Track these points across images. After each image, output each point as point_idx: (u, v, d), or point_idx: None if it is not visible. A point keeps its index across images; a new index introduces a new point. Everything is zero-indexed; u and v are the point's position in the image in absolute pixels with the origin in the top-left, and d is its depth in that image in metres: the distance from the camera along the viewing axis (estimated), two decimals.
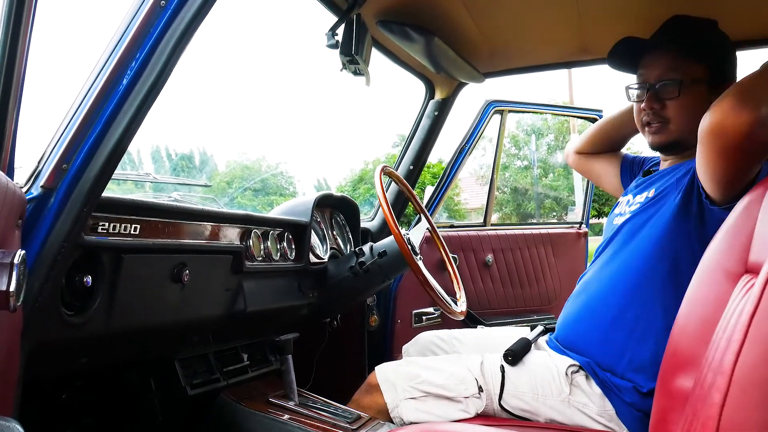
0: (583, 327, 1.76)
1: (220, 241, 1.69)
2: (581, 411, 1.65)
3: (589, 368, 1.68)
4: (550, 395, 1.67)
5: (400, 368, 1.77)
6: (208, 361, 1.84)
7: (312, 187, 23.80)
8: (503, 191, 23.41)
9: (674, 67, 1.69)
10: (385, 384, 1.74)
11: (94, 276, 1.27)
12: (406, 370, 1.75)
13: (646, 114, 1.73)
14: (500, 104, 3.18)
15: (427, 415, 1.68)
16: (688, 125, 1.64)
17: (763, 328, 0.81)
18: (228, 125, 35.00)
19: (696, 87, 1.68)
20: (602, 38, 2.28)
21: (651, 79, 1.72)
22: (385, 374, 1.76)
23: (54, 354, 1.31)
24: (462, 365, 1.74)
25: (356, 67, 1.97)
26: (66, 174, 1.06)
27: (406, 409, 1.69)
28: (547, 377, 1.69)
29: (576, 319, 1.79)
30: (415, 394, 1.70)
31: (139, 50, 1.08)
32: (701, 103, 1.56)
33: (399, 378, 1.73)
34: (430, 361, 1.80)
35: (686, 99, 1.67)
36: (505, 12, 2.07)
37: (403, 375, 1.73)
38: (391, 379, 1.73)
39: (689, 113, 1.65)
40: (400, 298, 2.79)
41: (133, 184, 2.12)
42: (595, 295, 1.76)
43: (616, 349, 1.67)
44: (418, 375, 1.71)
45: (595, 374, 1.67)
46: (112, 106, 1.06)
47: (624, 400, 1.62)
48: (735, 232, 1.13)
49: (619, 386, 1.63)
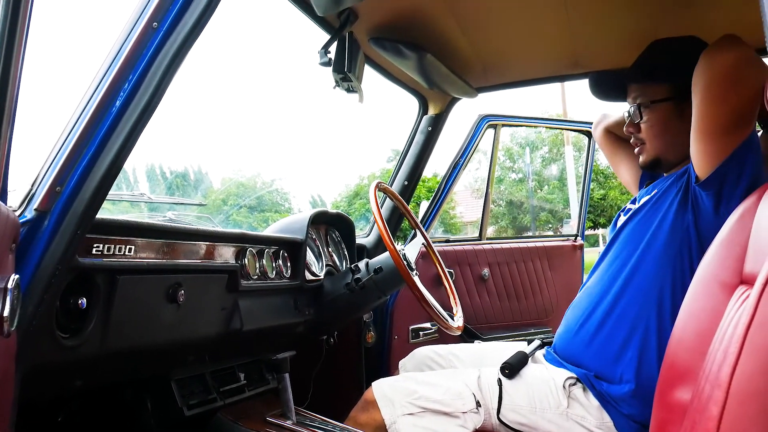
0: (580, 337, 1.76)
1: (215, 260, 1.69)
2: (580, 424, 1.65)
3: (586, 380, 1.68)
4: (548, 408, 1.67)
5: (397, 384, 1.75)
6: (204, 380, 1.83)
7: (307, 203, 23.80)
8: (498, 204, 23.44)
9: (639, 93, 1.82)
10: (383, 400, 1.72)
11: (88, 298, 1.27)
12: (403, 385, 1.73)
13: (629, 138, 1.89)
14: (493, 119, 3.19)
15: (425, 431, 1.67)
16: (662, 142, 1.81)
17: (759, 339, 0.81)
18: (223, 142, 35.04)
19: (659, 106, 1.78)
20: (594, 52, 2.29)
21: (629, 106, 1.85)
22: (382, 390, 1.74)
23: (49, 377, 1.30)
24: (459, 380, 1.74)
25: (349, 85, 1.98)
26: (60, 196, 1.06)
27: (404, 425, 1.68)
28: (544, 390, 1.69)
29: (574, 330, 1.79)
30: (412, 410, 1.68)
31: (131, 72, 1.08)
32: (670, 119, 1.77)
33: (396, 394, 1.71)
34: (427, 376, 1.79)
35: (651, 118, 1.80)
36: (497, 27, 2.08)
37: (401, 391, 1.71)
38: (388, 395, 1.72)
39: (659, 130, 1.80)
40: (397, 313, 2.79)
41: (129, 204, 2.12)
42: (594, 300, 1.77)
43: (613, 360, 1.68)
44: (415, 391, 1.70)
45: (592, 386, 1.67)
46: (105, 128, 1.06)
47: (621, 411, 1.61)
48: (729, 243, 1.14)
49: (617, 398, 1.63)
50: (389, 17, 1.96)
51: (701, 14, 1.98)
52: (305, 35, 2.62)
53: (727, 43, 1.49)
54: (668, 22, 2.01)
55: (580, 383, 1.70)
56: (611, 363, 1.68)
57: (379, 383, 1.78)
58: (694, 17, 1.99)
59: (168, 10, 1.10)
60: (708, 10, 1.95)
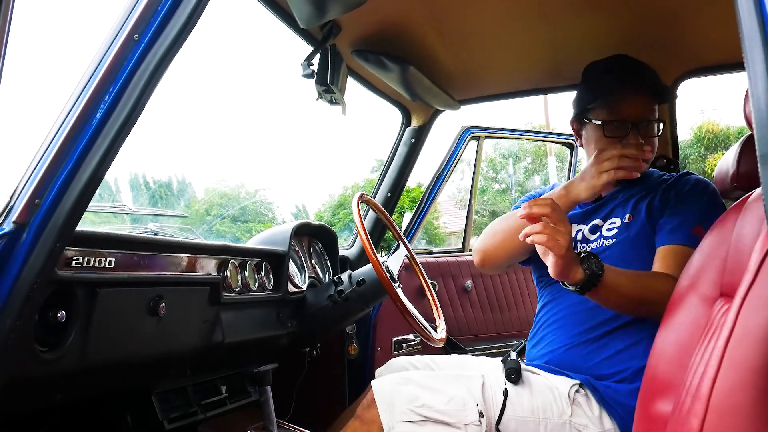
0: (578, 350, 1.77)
1: (197, 273, 1.68)
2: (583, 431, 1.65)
3: (588, 384, 1.69)
4: (551, 418, 1.65)
5: (398, 387, 1.70)
6: (185, 394, 1.82)
7: (291, 213, 23.74)
8: (482, 215, 23.51)
9: (652, 109, 1.80)
10: (382, 404, 1.67)
11: (68, 311, 1.25)
12: (405, 389, 1.68)
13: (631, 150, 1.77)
14: (476, 130, 3.21)
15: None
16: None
17: (738, 353, 0.82)
18: (207, 152, 34.94)
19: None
20: (575, 64, 2.30)
21: (631, 118, 1.77)
22: (382, 391, 1.69)
23: (28, 391, 1.28)
24: (462, 386, 1.69)
25: (332, 97, 1.98)
26: (39, 209, 1.05)
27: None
28: (549, 398, 1.68)
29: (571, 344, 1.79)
30: (413, 417, 1.63)
31: (112, 84, 1.07)
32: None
33: (397, 398, 1.66)
34: (430, 379, 1.74)
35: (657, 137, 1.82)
36: (479, 40, 2.10)
37: (402, 395, 1.66)
38: (387, 399, 1.67)
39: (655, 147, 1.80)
40: (380, 325, 2.78)
41: (111, 215, 2.11)
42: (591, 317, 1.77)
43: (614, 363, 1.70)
44: (417, 397, 1.65)
45: (594, 389, 1.68)
46: (86, 140, 1.05)
47: (626, 404, 1.62)
48: (709, 256, 1.15)
49: (619, 390, 1.65)
50: (372, 30, 1.97)
51: (679, 28, 2.01)
52: (289, 47, 2.62)
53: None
54: (648, 35, 2.04)
55: (582, 389, 1.70)
56: (612, 365, 1.70)
57: (381, 383, 1.73)
58: (673, 31, 2.02)
59: (150, 22, 1.09)
60: (685, 25, 1.98)
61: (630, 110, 1.77)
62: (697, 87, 20.95)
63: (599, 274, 1.51)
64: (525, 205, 1.47)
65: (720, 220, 1.16)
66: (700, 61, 2.28)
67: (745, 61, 0.74)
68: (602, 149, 1.72)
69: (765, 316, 0.79)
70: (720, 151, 17.67)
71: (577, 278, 1.50)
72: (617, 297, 1.57)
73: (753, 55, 0.73)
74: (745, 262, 0.87)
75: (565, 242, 1.44)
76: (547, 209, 1.45)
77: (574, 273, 1.50)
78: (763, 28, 0.73)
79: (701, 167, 18.04)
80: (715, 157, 17.61)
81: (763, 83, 0.72)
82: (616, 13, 1.91)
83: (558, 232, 1.43)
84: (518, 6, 1.86)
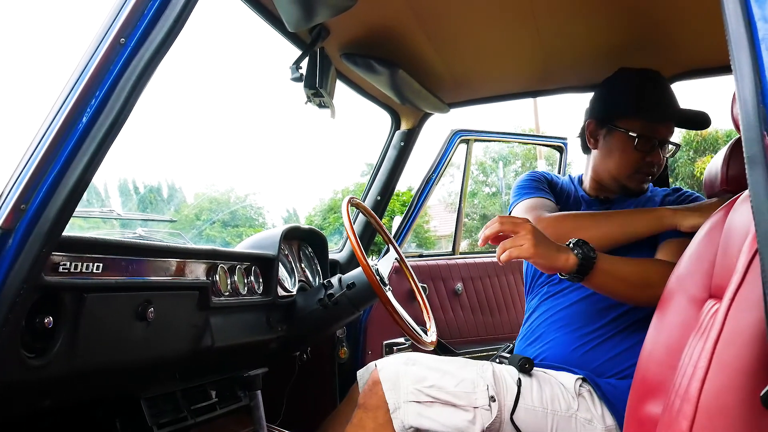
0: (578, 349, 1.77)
1: (185, 277, 1.67)
2: (586, 427, 1.65)
3: (591, 381, 1.69)
4: (558, 410, 1.65)
5: (404, 368, 1.68)
6: (175, 399, 1.80)
7: (281, 218, 23.69)
8: (472, 218, 23.54)
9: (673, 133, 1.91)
10: (387, 383, 1.65)
11: (55, 317, 1.24)
12: (411, 370, 1.66)
13: (656, 165, 1.89)
14: (466, 134, 3.22)
15: (430, 422, 1.60)
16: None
17: (727, 354, 0.82)
18: (197, 157, 34.85)
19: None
20: (564, 68, 2.32)
21: (663, 137, 1.88)
22: (387, 372, 1.68)
23: (15, 397, 1.27)
24: (472, 370, 1.68)
25: (321, 100, 1.98)
26: (24, 214, 1.04)
27: (408, 412, 1.61)
28: (556, 392, 1.68)
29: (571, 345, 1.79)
30: (420, 397, 1.62)
31: (98, 88, 1.07)
32: None
33: (402, 378, 1.65)
34: (437, 362, 1.72)
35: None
36: (468, 43, 2.10)
37: (408, 375, 1.65)
38: (392, 378, 1.65)
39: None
40: (370, 329, 2.78)
41: (100, 220, 2.09)
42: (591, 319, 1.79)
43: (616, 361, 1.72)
44: (425, 377, 1.64)
45: (597, 385, 1.68)
46: (72, 144, 1.05)
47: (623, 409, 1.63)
48: (698, 257, 1.15)
49: (620, 387, 1.65)
50: (361, 33, 1.97)
51: (670, 31, 2.01)
52: (278, 50, 2.61)
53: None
54: (638, 37, 2.04)
55: (587, 384, 1.70)
56: (615, 365, 1.72)
57: (385, 363, 1.71)
58: (663, 33, 2.03)
59: (136, 26, 1.08)
60: (676, 27, 1.99)
61: (664, 132, 1.87)
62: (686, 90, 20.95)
63: (592, 257, 1.55)
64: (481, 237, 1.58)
65: (708, 222, 1.17)
66: (691, 64, 2.29)
67: (732, 64, 0.75)
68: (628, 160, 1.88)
69: (753, 317, 0.79)
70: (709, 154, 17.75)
71: (571, 263, 1.54)
72: (616, 281, 1.60)
73: (740, 57, 0.74)
74: (733, 264, 0.88)
75: (527, 242, 1.50)
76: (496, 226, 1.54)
77: (565, 261, 1.54)
78: (750, 30, 0.73)
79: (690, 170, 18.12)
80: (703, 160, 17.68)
81: (749, 86, 0.72)
82: (606, 15, 1.91)
83: (516, 239, 1.51)
84: (508, 9, 1.87)
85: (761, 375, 0.78)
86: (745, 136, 0.72)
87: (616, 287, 1.63)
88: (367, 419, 1.67)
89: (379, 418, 1.65)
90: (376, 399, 1.66)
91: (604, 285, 1.62)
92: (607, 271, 1.58)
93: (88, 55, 1.08)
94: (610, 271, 1.58)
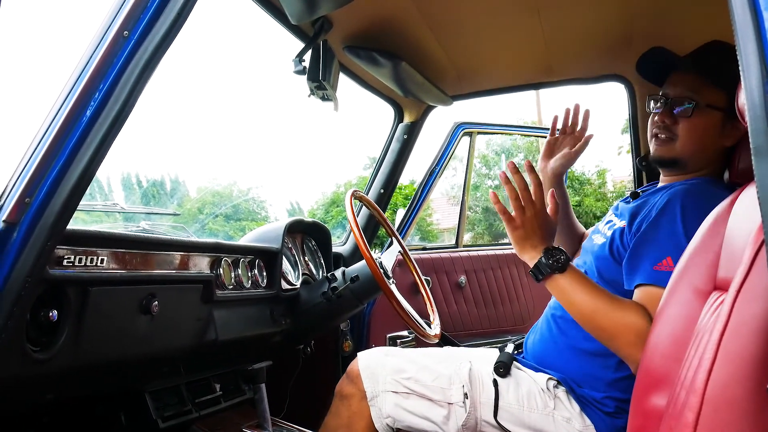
0: (559, 347, 1.75)
1: (189, 271, 1.67)
2: (565, 426, 1.65)
3: (566, 384, 1.68)
4: (536, 408, 1.65)
5: (384, 359, 1.72)
6: (179, 392, 1.81)
7: (285, 211, 23.68)
8: (475, 211, 23.52)
9: (694, 89, 1.66)
10: (366, 371, 1.70)
11: (60, 310, 1.24)
12: (391, 361, 1.71)
13: (656, 126, 1.72)
14: (469, 126, 3.21)
15: (406, 414, 1.66)
16: (693, 146, 1.67)
17: (733, 346, 0.82)
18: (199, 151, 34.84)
19: (711, 112, 1.64)
20: (567, 60, 2.31)
21: (671, 94, 1.70)
22: (366, 362, 1.73)
23: (19, 391, 1.28)
24: (450, 365, 1.70)
25: (324, 93, 1.97)
26: (29, 207, 1.04)
27: (386, 401, 1.67)
28: (533, 390, 1.68)
29: (547, 337, 1.78)
30: (398, 388, 1.66)
31: (102, 81, 1.06)
32: (713, 129, 1.63)
33: (381, 368, 1.69)
34: (417, 354, 1.75)
35: (698, 121, 1.65)
36: (471, 36, 2.09)
37: (387, 366, 1.69)
38: (371, 368, 1.70)
39: (697, 135, 1.66)
40: (374, 322, 2.78)
41: (104, 213, 2.09)
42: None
43: (589, 363, 1.67)
44: (404, 369, 1.68)
45: (572, 390, 1.67)
46: (76, 138, 1.04)
47: (603, 411, 1.61)
48: (703, 249, 1.14)
49: (597, 399, 1.64)
50: (364, 26, 1.96)
51: (673, 21, 2.00)
52: (281, 43, 2.60)
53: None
54: (641, 30, 2.03)
55: (561, 386, 1.69)
56: (588, 366, 1.68)
57: (365, 355, 1.75)
58: (666, 23, 2.01)
59: (139, 19, 1.08)
60: (680, 19, 1.97)
61: (670, 87, 1.71)
62: None
63: (547, 272, 1.52)
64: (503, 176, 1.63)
65: (713, 213, 1.16)
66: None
67: (738, 54, 0.74)
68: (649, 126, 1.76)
69: (760, 309, 0.79)
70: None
71: (532, 264, 1.55)
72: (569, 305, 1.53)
73: (746, 47, 0.73)
74: (739, 255, 0.87)
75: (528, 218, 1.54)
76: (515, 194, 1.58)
77: (529, 258, 1.55)
78: (756, 20, 0.73)
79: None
80: None
81: (755, 76, 0.72)
82: (609, 7, 1.91)
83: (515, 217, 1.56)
84: (511, 1, 1.86)
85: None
86: (751, 127, 0.72)
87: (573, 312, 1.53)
88: (342, 407, 1.74)
89: (353, 406, 1.72)
90: (351, 388, 1.72)
91: (563, 303, 1.55)
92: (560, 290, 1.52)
93: (91, 48, 1.08)
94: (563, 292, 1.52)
